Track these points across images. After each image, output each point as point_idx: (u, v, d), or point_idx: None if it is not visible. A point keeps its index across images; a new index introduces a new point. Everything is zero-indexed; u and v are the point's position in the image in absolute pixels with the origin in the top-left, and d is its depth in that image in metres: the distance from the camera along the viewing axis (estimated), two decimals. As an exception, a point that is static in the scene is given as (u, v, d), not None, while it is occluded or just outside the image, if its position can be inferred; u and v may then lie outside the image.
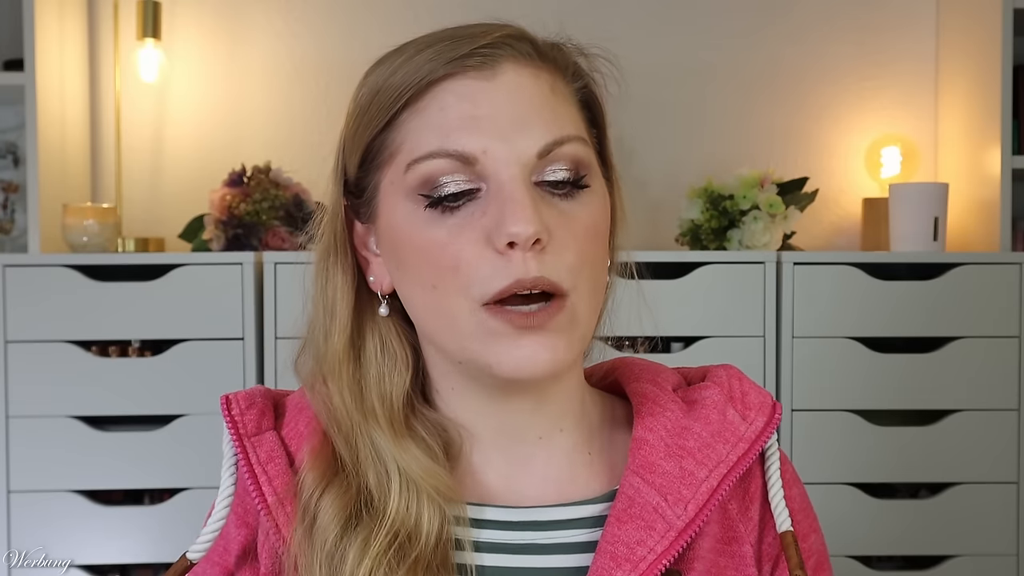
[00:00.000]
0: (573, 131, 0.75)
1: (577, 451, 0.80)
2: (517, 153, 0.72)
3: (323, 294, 0.79)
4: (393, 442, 0.75)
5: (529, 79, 0.75)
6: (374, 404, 0.77)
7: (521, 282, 0.70)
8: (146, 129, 2.52)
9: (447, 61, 0.74)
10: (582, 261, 0.73)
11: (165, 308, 2.12)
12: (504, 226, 0.70)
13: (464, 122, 0.72)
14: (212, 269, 2.13)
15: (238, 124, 2.56)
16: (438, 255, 0.72)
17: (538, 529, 0.77)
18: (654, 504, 0.74)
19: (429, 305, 0.74)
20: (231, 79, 2.56)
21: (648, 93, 2.63)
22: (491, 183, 0.72)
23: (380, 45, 0.83)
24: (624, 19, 2.64)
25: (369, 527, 0.73)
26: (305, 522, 0.74)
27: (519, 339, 0.71)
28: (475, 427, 0.79)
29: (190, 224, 2.35)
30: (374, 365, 0.78)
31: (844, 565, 2.26)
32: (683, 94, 2.64)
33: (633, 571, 0.72)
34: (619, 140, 0.83)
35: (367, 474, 0.75)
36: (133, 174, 2.52)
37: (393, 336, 0.79)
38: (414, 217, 0.74)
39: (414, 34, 0.79)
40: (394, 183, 0.75)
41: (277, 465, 0.76)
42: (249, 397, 0.80)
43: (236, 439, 0.77)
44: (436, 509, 0.74)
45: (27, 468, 2.11)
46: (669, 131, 2.63)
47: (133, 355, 2.15)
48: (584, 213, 0.75)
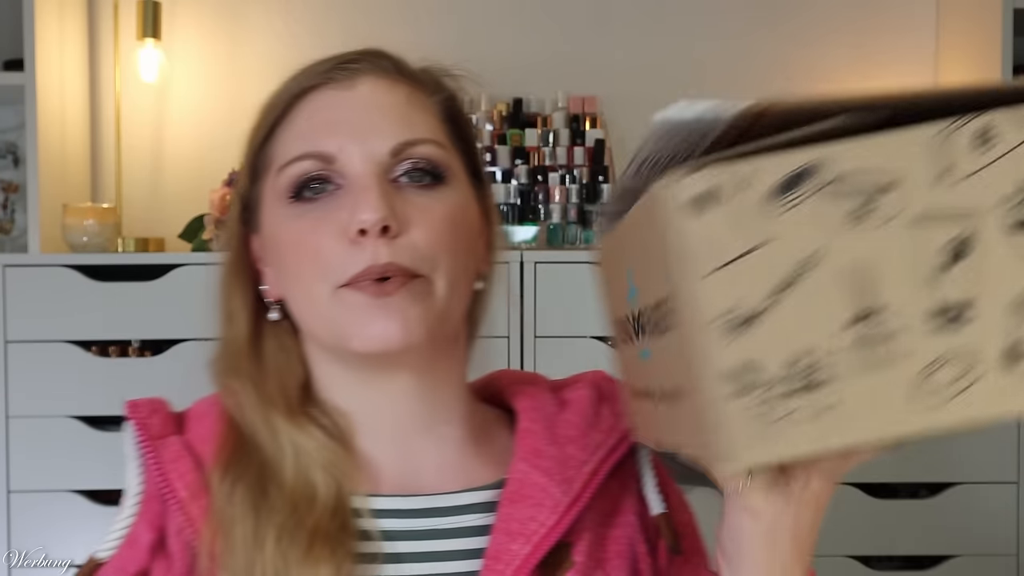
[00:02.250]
0: (428, 135, 0.81)
1: (465, 444, 0.86)
2: (370, 152, 0.79)
3: (226, 300, 0.86)
4: (291, 424, 0.81)
5: (385, 89, 0.82)
6: (273, 394, 0.82)
7: (372, 268, 0.76)
8: (146, 129, 2.52)
9: (313, 75, 0.82)
10: (437, 248, 0.78)
11: (165, 308, 2.12)
12: (355, 215, 0.76)
13: (325, 125, 0.80)
14: (212, 269, 2.13)
15: (238, 124, 2.54)
16: (302, 246, 0.79)
17: (436, 516, 0.82)
18: (542, 485, 0.81)
19: (299, 295, 0.81)
20: (231, 79, 2.56)
21: (648, 93, 2.64)
22: (348, 180, 0.79)
23: (379, 45, 0.86)
24: (624, 19, 2.64)
25: (274, 504, 0.77)
26: (219, 512, 0.78)
27: (373, 313, 0.76)
28: (365, 418, 0.84)
29: (190, 224, 2.35)
30: (272, 361, 0.84)
31: (844, 565, 2.26)
32: (683, 94, 2.63)
33: (527, 543, 0.78)
34: (619, 140, 0.85)
35: (268, 455, 0.80)
36: (133, 174, 2.51)
37: (288, 337, 0.85)
38: (283, 215, 0.81)
39: (414, 34, 0.83)
40: (271, 191, 0.83)
41: (185, 464, 0.80)
42: (152, 404, 0.86)
43: (145, 440, 0.82)
44: (332, 479, 0.78)
45: (27, 468, 2.11)
46: (669, 131, 2.63)
47: (133, 355, 2.15)
48: (440, 205, 0.80)
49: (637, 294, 0.64)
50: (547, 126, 2.57)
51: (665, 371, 0.61)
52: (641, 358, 0.67)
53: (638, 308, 0.65)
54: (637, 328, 0.67)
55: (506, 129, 2.56)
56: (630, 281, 0.66)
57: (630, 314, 0.67)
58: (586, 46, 2.64)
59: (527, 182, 2.51)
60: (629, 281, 0.66)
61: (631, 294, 0.66)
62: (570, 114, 2.59)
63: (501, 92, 2.61)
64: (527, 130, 2.55)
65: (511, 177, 2.51)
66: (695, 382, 0.55)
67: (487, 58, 2.63)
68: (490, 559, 0.78)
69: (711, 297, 0.52)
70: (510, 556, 0.78)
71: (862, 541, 2.25)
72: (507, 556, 0.78)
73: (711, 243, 0.52)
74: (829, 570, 2.26)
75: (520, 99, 2.60)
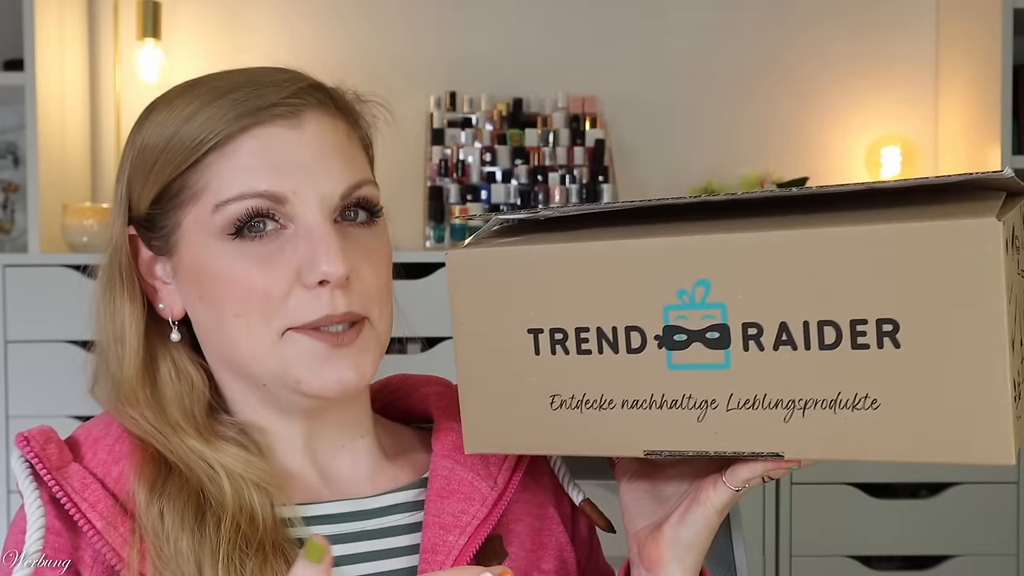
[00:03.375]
0: (366, 175, 0.83)
1: (379, 452, 0.87)
2: (323, 195, 0.78)
3: (111, 322, 0.83)
4: (207, 446, 0.79)
5: (330, 127, 0.81)
6: (178, 420, 0.81)
7: (331, 317, 0.77)
8: (146, 129, 2.51)
9: (255, 110, 0.79)
10: (380, 288, 0.81)
11: (165, 308, 2.12)
12: (317, 265, 0.76)
13: (274, 166, 0.78)
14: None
15: (238, 124, 2.55)
16: (245, 287, 0.77)
17: (364, 518, 0.83)
18: (468, 480, 0.83)
19: (231, 333, 0.79)
20: (231, 79, 2.56)
21: (648, 93, 2.64)
22: (299, 224, 0.78)
23: (379, 45, 0.85)
24: (624, 19, 2.64)
25: (213, 524, 0.76)
26: (150, 534, 0.75)
27: (328, 361, 0.77)
28: (280, 435, 0.84)
29: (190, 224, 2.35)
30: (170, 386, 0.82)
31: (844, 565, 2.26)
32: (683, 94, 2.64)
33: (462, 535, 0.81)
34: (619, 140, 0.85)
35: (200, 477, 0.78)
36: (133, 174, 2.52)
37: (186, 359, 0.83)
38: (218, 251, 0.78)
39: (413, 34, 0.81)
40: (200, 222, 0.79)
41: (94, 492, 0.77)
42: (44, 433, 0.81)
43: (47, 473, 0.77)
44: (264, 495, 0.78)
45: (27, 468, 2.11)
46: (669, 131, 2.63)
47: (133, 355, 2.15)
48: (379, 243, 0.82)
49: (738, 309, 0.67)
50: (547, 126, 2.57)
51: (840, 379, 0.66)
52: (689, 368, 0.70)
53: (746, 321, 0.68)
54: (678, 340, 0.69)
55: (506, 129, 2.56)
56: (693, 296, 0.69)
57: (664, 326, 0.70)
58: (586, 46, 2.64)
59: (527, 182, 2.51)
60: (684, 295, 0.68)
61: (687, 305, 0.68)
62: (570, 114, 2.59)
63: (501, 92, 2.61)
64: (527, 130, 2.56)
65: (511, 177, 2.51)
66: (978, 389, 0.63)
67: (487, 58, 2.63)
68: (427, 552, 0.80)
69: (1010, 321, 0.62)
70: (448, 547, 0.80)
71: (862, 541, 2.25)
72: (444, 548, 0.80)
73: (1008, 277, 0.62)
74: (829, 570, 2.26)
75: (520, 99, 2.60)
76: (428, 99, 2.59)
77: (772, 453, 0.68)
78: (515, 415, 0.75)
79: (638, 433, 0.71)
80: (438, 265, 2.22)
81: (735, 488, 0.73)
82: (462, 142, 2.55)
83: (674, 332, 0.69)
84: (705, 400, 0.69)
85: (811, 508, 2.25)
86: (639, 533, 0.78)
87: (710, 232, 0.68)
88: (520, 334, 0.73)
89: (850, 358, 0.65)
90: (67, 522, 0.77)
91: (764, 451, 0.68)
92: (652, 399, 0.70)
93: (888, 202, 0.66)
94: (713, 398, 0.69)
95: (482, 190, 2.50)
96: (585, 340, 0.71)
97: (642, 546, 0.77)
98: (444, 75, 2.60)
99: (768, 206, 0.70)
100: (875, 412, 0.66)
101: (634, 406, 0.71)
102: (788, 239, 0.65)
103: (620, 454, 0.74)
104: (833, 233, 0.65)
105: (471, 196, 2.49)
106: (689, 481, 0.77)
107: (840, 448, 0.67)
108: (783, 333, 0.66)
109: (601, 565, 0.93)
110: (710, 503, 0.74)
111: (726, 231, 0.67)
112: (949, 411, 0.64)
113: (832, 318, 0.65)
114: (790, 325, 0.66)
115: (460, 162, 2.51)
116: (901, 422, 0.65)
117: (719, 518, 0.75)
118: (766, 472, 0.71)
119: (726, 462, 0.72)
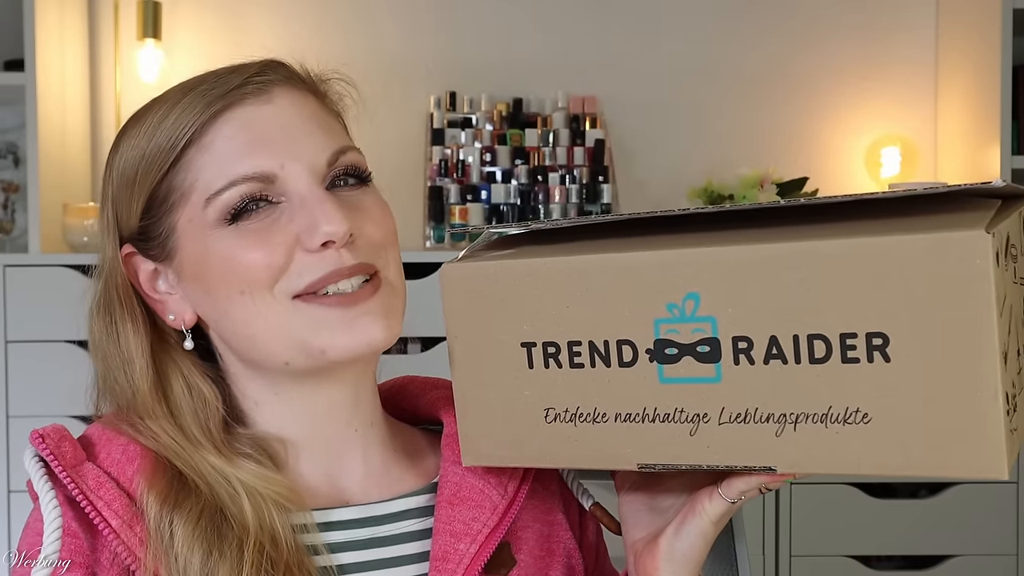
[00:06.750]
0: (348, 142, 0.82)
1: (387, 445, 0.86)
2: (310, 164, 0.77)
3: (115, 346, 0.83)
4: (227, 463, 0.78)
5: (300, 99, 0.80)
6: (196, 435, 0.80)
7: (339, 271, 0.76)
8: (146, 129, 2.52)
9: (223, 94, 0.78)
10: (385, 239, 0.80)
11: (165, 308, 2.12)
12: (318, 227, 0.75)
13: (254, 145, 0.77)
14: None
15: (238, 124, 2.56)
16: (246, 263, 0.76)
17: (373, 524, 0.82)
18: (479, 487, 0.82)
19: (241, 315, 0.78)
20: (231, 79, 2.56)
21: (648, 93, 2.64)
22: (292, 196, 0.77)
23: (379, 45, 0.85)
24: (624, 19, 2.64)
25: (233, 545, 0.74)
26: (161, 545, 0.74)
27: (353, 320, 0.76)
28: (291, 436, 0.82)
29: (190, 224, 2.35)
30: (185, 401, 0.81)
31: (844, 565, 2.27)
32: (683, 94, 2.64)
33: (473, 543, 0.80)
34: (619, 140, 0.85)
35: (220, 495, 0.77)
36: (133, 174, 2.52)
37: (196, 374, 0.82)
38: (219, 240, 0.77)
39: (413, 34, 0.81)
40: (193, 219, 0.78)
41: (109, 491, 0.76)
42: (58, 431, 0.80)
43: (63, 471, 0.77)
44: (284, 513, 0.77)
45: (27, 468, 2.11)
46: (669, 131, 2.63)
47: (133, 355, 2.15)
48: (377, 201, 0.81)
49: (735, 324, 0.67)
50: (547, 126, 2.57)
51: (831, 393, 0.66)
52: (679, 382, 0.70)
53: (736, 335, 0.67)
54: (671, 353, 0.69)
55: (506, 129, 2.56)
56: (683, 310, 0.68)
57: (658, 339, 0.69)
58: (586, 46, 2.64)
59: (527, 182, 2.51)
60: (674, 309, 0.68)
61: (678, 319, 0.68)
62: (570, 114, 2.59)
63: (501, 92, 2.61)
64: (527, 130, 2.56)
65: (511, 177, 2.51)
66: (969, 402, 0.62)
67: (487, 58, 2.63)
68: (438, 560, 0.79)
69: (1001, 333, 0.62)
70: (459, 556, 0.79)
71: (862, 541, 2.25)
72: (455, 556, 0.79)
73: (997, 289, 0.62)
74: (829, 570, 2.26)
75: (520, 99, 2.60)
76: (428, 99, 2.59)
77: (765, 467, 0.68)
78: (510, 428, 0.75)
79: (632, 446, 0.71)
80: (438, 265, 2.22)
81: (731, 500, 0.72)
82: (462, 142, 2.55)
83: (665, 346, 0.68)
84: (697, 414, 0.69)
85: (811, 508, 2.25)
86: (636, 544, 0.78)
87: (699, 245, 0.67)
88: (514, 347, 0.73)
89: (841, 372, 0.65)
90: (84, 523, 0.76)
91: (757, 465, 0.68)
92: (645, 412, 0.70)
93: (881, 211, 0.66)
94: (705, 412, 0.68)
95: (482, 190, 2.50)
96: (578, 354, 0.71)
97: (638, 557, 0.77)
98: (444, 75, 2.61)
99: (759, 217, 0.69)
100: (867, 426, 0.65)
101: (627, 420, 0.71)
102: (776, 252, 0.65)
103: (614, 467, 0.74)
104: (822, 246, 0.64)
105: (471, 196, 2.49)
106: (686, 493, 0.76)
107: (832, 462, 0.66)
108: (773, 347, 0.65)
109: (608, 569, 0.92)
110: (705, 515, 0.73)
111: (716, 244, 0.67)
112: (941, 425, 0.63)
113: (822, 332, 0.64)
114: (780, 339, 0.65)
115: (460, 162, 2.51)
116: (893, 436, 0.64)
117: (715, 530, 0.75)
118: (761, 485, 0.70)
119: (722, 474, 0.72)
